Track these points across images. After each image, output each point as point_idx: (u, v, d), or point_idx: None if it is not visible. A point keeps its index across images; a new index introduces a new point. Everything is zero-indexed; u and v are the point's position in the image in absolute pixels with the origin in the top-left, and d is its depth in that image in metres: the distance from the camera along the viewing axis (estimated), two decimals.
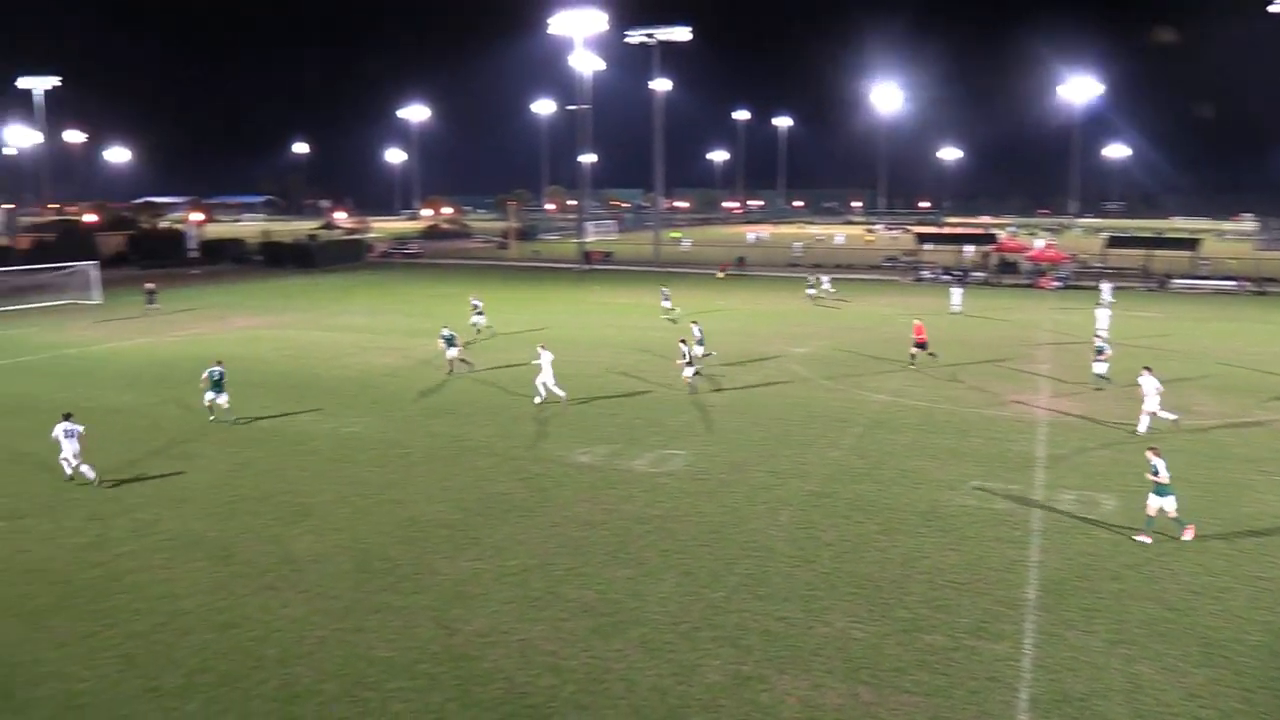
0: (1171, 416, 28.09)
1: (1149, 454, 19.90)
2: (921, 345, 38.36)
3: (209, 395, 29.98)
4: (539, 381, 31.82)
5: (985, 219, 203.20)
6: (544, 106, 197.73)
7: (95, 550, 19.66)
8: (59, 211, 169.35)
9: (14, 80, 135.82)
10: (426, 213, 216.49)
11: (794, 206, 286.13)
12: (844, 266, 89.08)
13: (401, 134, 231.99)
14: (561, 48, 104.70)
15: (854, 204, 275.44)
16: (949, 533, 20.24)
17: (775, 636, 15.72)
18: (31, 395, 34.52)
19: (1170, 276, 73.14)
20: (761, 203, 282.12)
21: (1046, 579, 17.91)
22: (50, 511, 21.92)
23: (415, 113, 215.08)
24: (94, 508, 22.14)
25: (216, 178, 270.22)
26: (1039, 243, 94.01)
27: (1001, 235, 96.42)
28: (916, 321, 39.71)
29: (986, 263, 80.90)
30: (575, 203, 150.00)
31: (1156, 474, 19.44)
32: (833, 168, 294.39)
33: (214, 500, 22.66)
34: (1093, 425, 29.10)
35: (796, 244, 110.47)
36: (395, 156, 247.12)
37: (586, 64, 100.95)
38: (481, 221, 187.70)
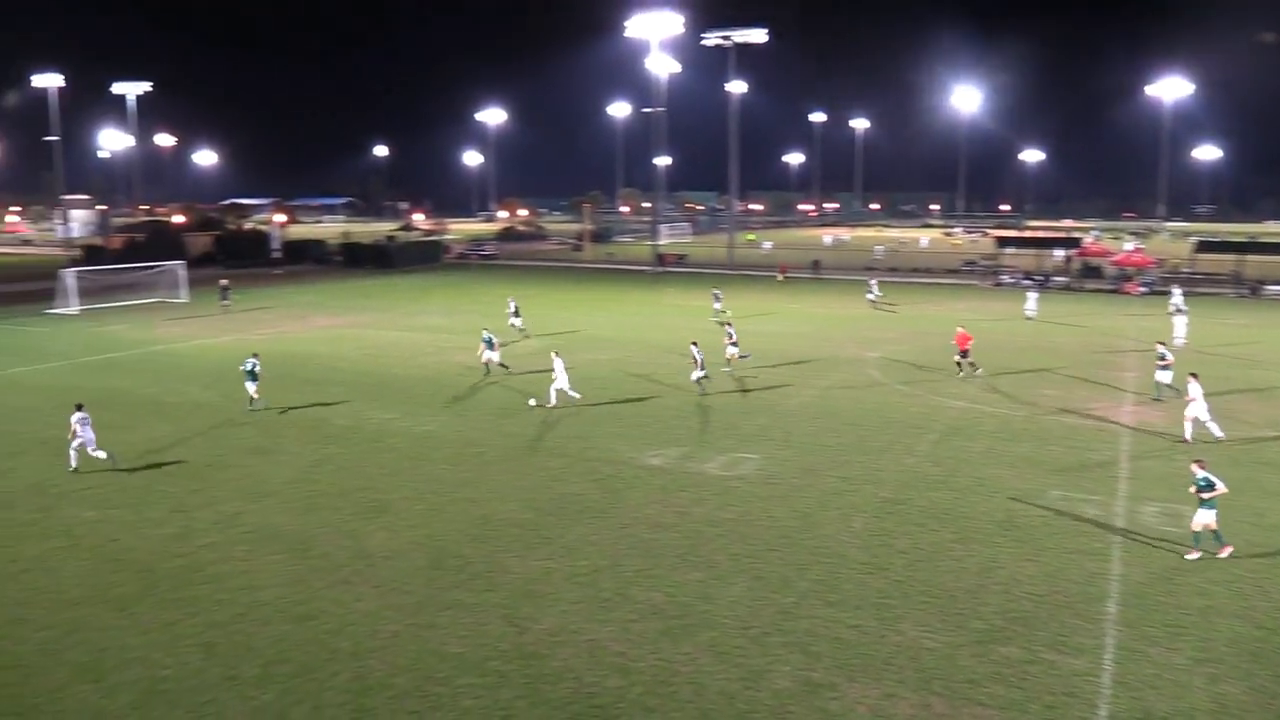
0: (1188, 434, 27.08)
1: (1194, 467, 19.19)
2: (964, 354, 37.18)
3: (249, 385, 31.69)
4: (554, 389, 31.87)
5: (1068, 222, 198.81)
6: (619, 109, 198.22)
7: (179, 541, 20.25)
8: (149, 212, 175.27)
9: (109, 86, 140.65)
10: (502, 214, 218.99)
11: (870, 209, 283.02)
12: (921, 270, 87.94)
13: (479, 137, 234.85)
14: (638, 50, 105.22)
15: (932, 207, 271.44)
16: (1026, 543, 19.80)
17: (846, 644, 15.53)
18: (122, 390, 35.69)
19: (1263, 283, 70.51)
20: (837, 205, 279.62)
21: (1128, 593, 17.41)
22: (137, 503, 22.64)
23: (492, 116, 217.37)
24: (179, 500, 22.81)
25: (299, 180, 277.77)
26: (1128, 246, 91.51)
27: (1086, 239, 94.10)
28: (960, 330, 38.45)
29: (1069, 267, 78.94)
30: (650, 205, 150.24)
31: (1210, 488, 18.66)
32: (910, 170, 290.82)
33: (294, 495, 23.19)
34: (1176, 436, 28.14)
35: (878, 247, 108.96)
36: (472, 159, 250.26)
37: (662, 66, 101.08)
38: (556, 223, 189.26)
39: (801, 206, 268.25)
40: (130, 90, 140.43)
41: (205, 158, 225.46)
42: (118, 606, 17.18)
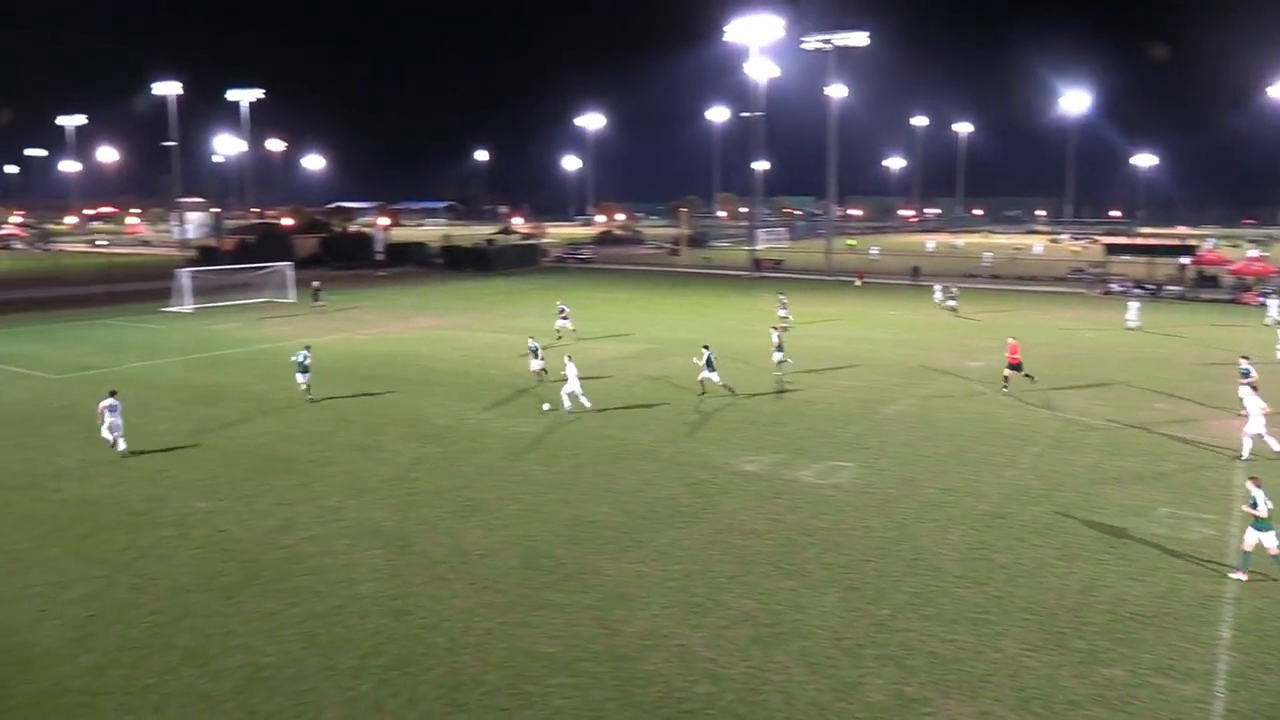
0: (1276, 446, 25.75)
1: (1249, 484, 18.25)
2: (1015, 366, 35.28)
3: (298, 376, 33.51)
4: (564, 392, 31.85)
5: (1182, 229, 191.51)
6: (718, 114, 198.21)
7: (282, 533, 20.88)
8: (260, 215, 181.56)
9: (223, 93, 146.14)
10: (600, 218, 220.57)
11: (972, 215, 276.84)
12: (1026, 278, 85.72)
13: (578, 141, 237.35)
14: (738, 55, 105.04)
15: (1038, 213, 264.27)
16: (1134, 562, 19.09)
17: (942, 659, 15.19)
18: (230, 386, 36.98)
19: None
20: (938, 211, 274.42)
21: (1243, 617, 16.64)
22: (244, 495, 23.42)
23: (591, 120, 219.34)
24: (283, 493, 23.53)
25: (402, 184, 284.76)
26: (1250, 254, 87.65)
27: (1202, 247, 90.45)
28: (1011, 340, 36.60)
29: (1184, 276, 75.78)
30: (747, 210, 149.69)
31: (1255, 506, 17.79)
32: (1014, 175, 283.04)
33: (393, 491, 23.69)
34: None
35: (987, 254, 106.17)
36: (571, 163, 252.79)
37: (762, 71, 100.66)
38: (653, 228, 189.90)
39: (901, 212, 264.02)
40: (243, 97, 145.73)
41: (313, 162, 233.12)
42: (224, 595, 17.79)
